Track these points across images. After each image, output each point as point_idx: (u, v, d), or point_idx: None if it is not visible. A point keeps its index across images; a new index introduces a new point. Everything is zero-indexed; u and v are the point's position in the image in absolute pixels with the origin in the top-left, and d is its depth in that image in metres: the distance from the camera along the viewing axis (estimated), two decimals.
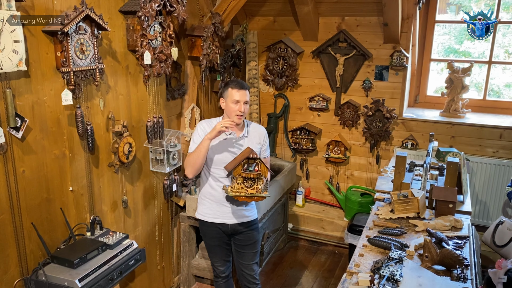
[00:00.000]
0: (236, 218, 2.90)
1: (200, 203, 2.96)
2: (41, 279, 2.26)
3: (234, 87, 2.77)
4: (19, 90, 2.18)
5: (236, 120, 2.75)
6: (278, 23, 4.66)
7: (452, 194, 2.80)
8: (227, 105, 2.80)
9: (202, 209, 2.94)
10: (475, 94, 4.58)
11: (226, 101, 2.80)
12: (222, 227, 2.91)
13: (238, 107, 2.75)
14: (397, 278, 2.04)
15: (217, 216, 2.89)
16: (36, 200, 2.35)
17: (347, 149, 4.61)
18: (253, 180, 2.66)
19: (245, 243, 3.00)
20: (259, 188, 2.68)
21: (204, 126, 2.84)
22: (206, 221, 2.93)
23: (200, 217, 2.95)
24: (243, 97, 2.76)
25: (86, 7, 2.34)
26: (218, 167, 2.80)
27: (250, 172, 2.63)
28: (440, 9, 4.55)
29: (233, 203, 2.86)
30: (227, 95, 2.79)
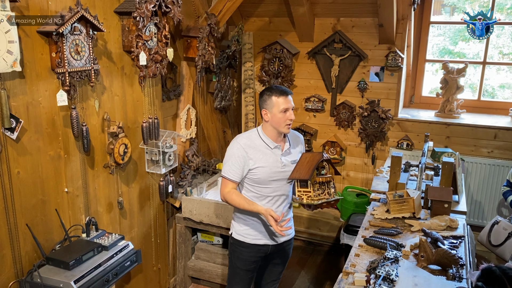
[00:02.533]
0: (281, 237, 2.68)
1: (238, 222, 2.67)
2: (36, 281, 2.24)
3: (280, 94, 2.50)
4: (13, 91, 2.17)
5: (286, 130, 2.54)
6: (273, 24, 4.67)
7: (447, 194, 2.81)
8: (274, 115, 2.50)
9: (243, 230, 2.65)
10: (469, 94, 4.61)
11: (271, 111, 2.51)
12: (262, 249, 2.66)
13: (288, 115, 2.51)
14: (393, 278, 2.04)
15: (261, 237, 2.64)
16: (31, 202, 2.34)
17: (342, 149, 4.62)
18: (324, 184, 2.46)
19: (279, 261, 2.81)
20: (332, 191, 2.48)
21: (245, 142, 2.54)
22: (246, 242, 2.64)
23: (241, 238, 2.65)
24: (291, 103, 2.52)
25: (81, 8, 2.34)
26: (266, 185, 2.56)
27: (323, 176, 2.43)
28: (435, 10, 4.57)
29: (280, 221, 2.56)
30: (272, 105, 2.50)
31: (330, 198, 2.45)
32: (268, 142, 2.57)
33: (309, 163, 2.43)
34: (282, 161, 2.57)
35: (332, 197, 2.45)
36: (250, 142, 2.55)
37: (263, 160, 2.54)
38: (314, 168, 2.38)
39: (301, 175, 2.40)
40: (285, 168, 2.57)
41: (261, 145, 2.56)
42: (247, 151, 2.52)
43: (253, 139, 2.57)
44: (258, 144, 2.56)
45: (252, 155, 2.53)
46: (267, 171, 2.54)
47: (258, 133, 2.60)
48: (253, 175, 2.55)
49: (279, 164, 2.56)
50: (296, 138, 2.73)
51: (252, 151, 2.53)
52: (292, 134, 2.71)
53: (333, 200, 2.47)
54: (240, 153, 2.52)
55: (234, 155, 2.53)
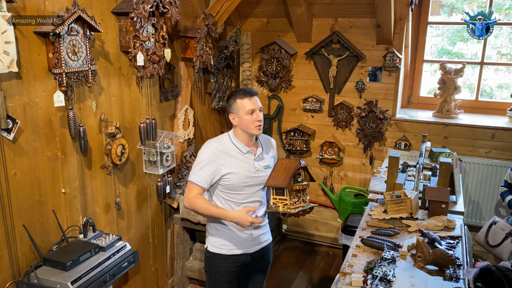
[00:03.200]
0: (257, 245, 2.59)
1: (212, 234, 2.56)
2: (33, 282, 2.24)
3: (244, 96, 2.42)
4: (10, 92, 2.16)
5: (256, 132, 2.43)
6: (271, 24, 4.67)
7: (445, 195, 2.81)
8: (242, 118, 2.42)
9: (218, 241, 2.53)
10: (468, 95, 4.62)
11: (238, 115, 2.43)
12: (241, 258, 2.56)
13: (256, 116, 2.41)
14: (390, 278, 2.04)
15: (238, 246, 2.52)
16: (28, 202, 2.33)
17: (340, 150, 4.62)
18: (300, 191, 2.39)
19: (259, 268, 2.71)
20: (307, 199, 2.42)
21: (216, 147, 2.44)
22: (223, 254, 2.53)
23: (217, 251, 2.54)
24: (256, 104, 2.43)
25: (78, 8, 2.34)
26: (239, 192, 2.46)
27: (300, 183, 2.35)
28: (433, 11, 4.58)
29: (255, 229, 2.54)
30: (238, 108, 2.42)
31: (306, 206, 2.38)
32: (240, 146, 2.47)
33: (286, 170, 2.35)
34: (255, 166, 2.48)
35: (307, 204, 2.39)
36: (221, 147, 2.45)
37: (235, 165, 2.44)
38: (291, 175, 2.30)
39: (278, 182, 2.31)
40: (258, 173, 2.47)
41: (233, 149, 2.46)
42: (218, 156, 2.42)
43: (225, 143, 2.47)
44: (229, 149, 2.46)
45: (224, 161, 2.43)
46: (239, 177, 2.43)
47: (229, 138, 2.50)
48: (225, 181, 2.44)
49: (252, 169, 2.46)
50: (269, 142, 2.64)
51: (224, 156, 2.43)
52: (265, 139, 2.63)
53: (309, 208, 2.40)
54: (211, 159, 2.42)
55: (205, 160, 2.42)
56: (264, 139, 2.63)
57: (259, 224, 2.53)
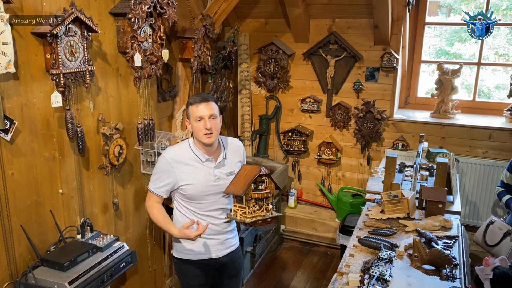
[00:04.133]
0: (224, 249, 2.54)
1: (177, 240, 2.50)
2: (30, 282, 2.24)
3: (195, 102, 2.31)
4: (7, 92, 2.17)
5: (206, 140, 2.32)
6: (269, 25, 4.68)
7: (442, 195, 2.82)
8: (192, 125, 2.34)
9: (183, 247, 2.50)
10: (465, 95, 4.63)
11: (190, 121, 2.36)
12: (208, 263, 2.52)
13: (203, 124, 2.29)
14: (387, 278, 2.05)
15: (203, 252, 2.49)
16: (25, 203, 2.34)
17: (338, 150, 4.63)
18: (262, 200, 2.25)
19: (232, 274, 2.65)
20: (270, 208, 2.28)
21: (171, 157, 2.37)
22: (189, 260, 2.51)
23: (183, 256, 2.52)
24: (206, 110, 2.29)
25: (76, 9, 2.34)
26: (200, 201, 2.41)
27: (260, 191, 2.22)
28: (431, 11, 4.59)
29: (221, 234, 2.51)
30: (189, 114, 2.35)
31: (267, 215, 2.22)
32: (199, 154, 2.39)
33: (246, 177, 2.24)
34: (215, 174, 2.40)
35: (270, 213, 2.22)
36: (178, 156, 2.38)
37: (192, 175, 2.37)
38: (250, 183, 2.17)
39: (235, 190, 2.20)
40: (219, 181, 2.40)
41: (191, 158, 2.38)
42: (174, 167, 2.36)
43: (183, 152, 2.39)
44: (188, 158, 2.38)
45: (180, 171, 2.36)
46: (198, 188, 2.37)
47: (189, 145, 2.41)
48: (183, 191, 2.40)
49: (212, 178, 2.39)
50: (234, 147, 2.53)
51: (180, 166, 2.37)
52: (231, 144, 2.53)
53: (270, 218, 2.23)
54: (166, 168, 2.37)
55: (161, 170, 2.39)
56: (230, 144, 2.52)
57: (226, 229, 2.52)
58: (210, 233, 2.46)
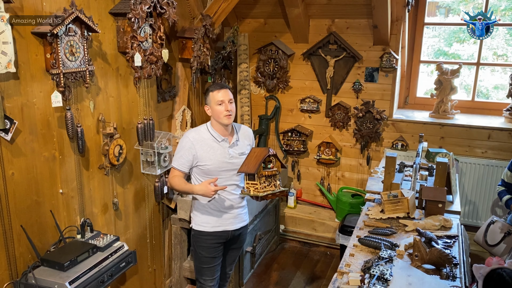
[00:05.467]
0: (238, 223, 2.90)
1: (196, 214, 2.87)
2: (30, 282, 2.24)
3: (214, 89, 2.74)
4: (8, 92, 2.16)
5: (226, 121, 2.72)
6: (268, 25, 4.68)
7: (442, 194, 2.83)
8: (213, 109, 2.74)
9: (202, 219, 2.84)
10: (464, 95, 4.64)
11: (210, 106, 2.75)
12: (223, 235, 2.87)
13: (224, 107, 2.70)
14: (387, 277, 2.05)
15: (219, 224, 2.84)
16: (25, 203, 2.33)
17: (338, 150, 4.63)
18: (270, 177, 2.63)
19: (236, 246, 3.04)
20: (278, 183, 2.67)
21: (193, 136, 2.77)
22: (206, 231, 2.84)
23: (201, 228, 2.85)
24: (226, 96, 2.72)
25: (76, 9, 2.34)
26: (210, 176, 2.75)
27: (269, 169, 2.61)
28: (430, 12, 4.60)
29: (234, 208, 2.86)
30: (210, 100, 2.74)
31: (276, 189, 2.61)
32: (215, 135, 2.77)
33: (256, 157, 2.59)
34: (230, 152, 2.77)
35: (278, 188, 2.61)
36: (198, 136, 2.76)
37: (210, 152, 2.74)
38: (260, 162, 2.53)
39: (248, 169, 2.56)
40: (232, 159, 2.76)
41: (209, 138, 2.76)
42: (195, 144, 2.73)
43: (202, 133, 2.78)
44: (206, 138, 2.76)
45: (200, 148, 2.73)
46: (214, 162, 2.73)
47: (207, 128, 2.80)
48: (202, 166, 2.75)
49: (226, 156, 2.76)
50: (245, 132, 2.94)
51: (200, 144, 2.74)
52: (243, 129, 2.93)
53: (278, 192, 2.62)
54: (188, 146, 2.73)
55: (184, 147, 2.75)
56: (242, 129, 2.93)
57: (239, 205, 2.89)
58: (225, 207, 2.83)
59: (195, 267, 2.97)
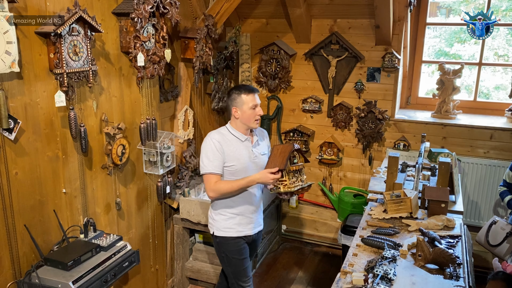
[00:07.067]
0: (256, 227, 2.90)
1: (218, 220, 2.80)
2: (34, 282, 2.24)
3: (248, 92, 2.70)
4: (11, 92, 2.17)
5: (255, 126, 2.74)
6: (270, 25, 4.68)
7: (444, 194, 2.83)
8: (244, 112, 2.69)
9: (226, 225, 2.79)
10: (465, 95, 4.64)
11: (241, 109, 2.69)
12: (245, 239, 2.84)
13: (258, 110, 2.70)
14: (391, 277, 2.05)
15: (241, 229, 2.80)
16: (29, 202, 2.34)
17: (340, 150, 4.63)
18: (297, 172, 2.65)
19: (253, 248, 3.00)
20: (304, 178, 2.68)
21: (217, 137, 2.70)
22: (232, 237, 2.79)
23: (226, 234, 2.79)
24: (258, 100, 2.73)
25: (79, 9, 2.34)
26: (237, 176, 2.71)
27: (296, 164, 2.64)
28: (431, 12, 4.60)
29: (253, 213, 2.84)
30: (242, 103, 2.68)
31: (304, 184, 2.63)
32: (238, 135, 2.74)
33: (282, 154, 2.58)
34: (254, 152, 2.77)
35: (305, 183, 2.65)
36: (222, 137, 2.71)
37: (237, 152, 2.70)
38: (287, 158, 2.53)
39: (276, 166, 2.54)
40: (256, 159, 2.76)
41: (232, 139, 2.73)
42: (222, 145, 2.68)
43: (224, 134, 2.74)
44: (230, 139, 2.72)
45: (226, 148, 2.68)
46: (242, 162, 2.70)
47: (227, 129, 2.77)
48: (229, 167, 2.70)
49: (251, 155, 2.75)
50: (262, 132, 2.94)
51: (226, 144, 2.69)
52: (259, 130, 2.93)
53: (307, 186, 2.66)
54: (216, 147, 2.66)
55: (212, 149, 2.66)
56: (258, 130, 2.91)
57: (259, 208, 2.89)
58: (247, 211, 2.80)
59: (232, 273, 2.88)
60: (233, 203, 2.76)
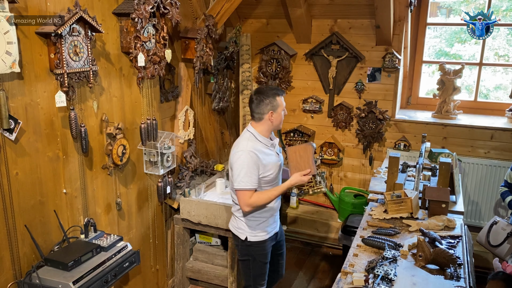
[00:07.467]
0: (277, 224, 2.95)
1: (251, 225, 2.76)
2: (34, 282, 2.24)
3: (281, 94, 2.68)
4: (12, 92, 2.17)
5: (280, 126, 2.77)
6: (271, 25, 4.68)
7: (445, 194, 2.83)
8: (279, 115, 2.67)
9: (259, 228, 2.77)
10: (466, 96, 4.63)
11: (277, 112, 2.65)
12: (274, 237, 2.89)
13: (285, 111, 2.73)
14: (392, 277, 2.05)
15: (271, 228, 2.84)
16: (29, 203, 2.34)
17: (340, 150, 4.63)
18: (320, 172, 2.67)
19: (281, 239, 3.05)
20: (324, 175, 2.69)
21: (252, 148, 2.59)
22: (263, 240, 2.79)
23: (258, 238, 2.78)
24: None
25: (80, 9, 2.34)
26: (274, 181, 2.73)
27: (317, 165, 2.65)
28: (431, 12, 4.60)
29: (276, 210, 2.87)
30: (277, 106, 2.64)
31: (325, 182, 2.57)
32: (265, 141, 2.68)
33: (303, 157, 2.53)
34: (278, 154, 2.78)
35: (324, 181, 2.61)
36: (255, 147, 2.61)
37: (268, 160, 2.65)
38: (313, 160, 2.51)
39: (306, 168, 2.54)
40: (279, 161, 2.77)
41: (262, 146, 2.66)
42: (258, 155, 2.59)
43: (255, 143, 2.64)
44: (260, 147, 2.64)
45: (263, 158, 2.61)
46: (275, 169, 2.69)
47: (254, 137, 2.66)
48: (266, 176, 2.65)
49: (276, 159, 2.73)
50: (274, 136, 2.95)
51: (262, 155, 2.62)
52: None
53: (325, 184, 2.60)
54: (254, 160, 2.57)
55: (249, 163, 2.56)
56: None
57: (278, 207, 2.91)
58: (274, 210, 2.82)
59: (252, 275, 2.88)
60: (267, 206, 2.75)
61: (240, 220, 2.79)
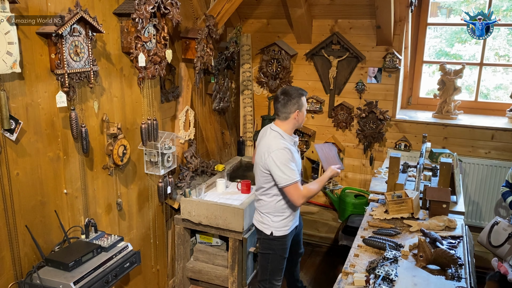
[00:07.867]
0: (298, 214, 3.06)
1: (276, 220, 2.88)
2: (35, 283, 2.24)
3: (305, 94, 2.83)
4: (13, 92, 2.17)
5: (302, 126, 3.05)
6: (271, 25, 4.68)
7: (446, 195, 2.82)
8: (303, 114, 2.83)
9: (282, 224, 2.90)
10: (466, 96, 4.63)
11: (301, 111, 2.80)
12: (294, 230, 3.01)
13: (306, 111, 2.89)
14: (393, 277, 2.05)
15: (293, 222, 2.96)
16: (30, 203, 2.33)
17: (340, 150, 4.63)
18: None
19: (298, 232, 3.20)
20: None
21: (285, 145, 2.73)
22: (286, 234, 2.92)
23: (282, 233, 2.90)
24: None
25: (81, 9, 2.34)
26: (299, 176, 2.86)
27: None
28: (431, 12, 4.60)
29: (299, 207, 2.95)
30: (303, 105, 2.79)
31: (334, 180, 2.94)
32: (289, 139, 2.82)
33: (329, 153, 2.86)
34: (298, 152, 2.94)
35: None
36: (285, 144, 2.74)
37: (296, 156, 2.81)
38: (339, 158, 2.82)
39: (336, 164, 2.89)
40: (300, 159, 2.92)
41: (289, 143, 2.79)
42: (292, 151, 2.75)
43: (283, 140, 2.76)
44: (287, 144, 2.76)
45: (294, 154, 2.78)
46: (299, 164, 2.86)
47: (281, 135, 2.79)
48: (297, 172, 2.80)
49: (299, 155, 2.90)
50: None
51: (292, 151, 2.77)
52: None
53: None
54: (291, 155, 2.72)
55: (287, 159, 2.69)
56: None
57: None
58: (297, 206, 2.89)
59: (270, 269, 2.97)
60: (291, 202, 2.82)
61: (265, 216, 2.91)
